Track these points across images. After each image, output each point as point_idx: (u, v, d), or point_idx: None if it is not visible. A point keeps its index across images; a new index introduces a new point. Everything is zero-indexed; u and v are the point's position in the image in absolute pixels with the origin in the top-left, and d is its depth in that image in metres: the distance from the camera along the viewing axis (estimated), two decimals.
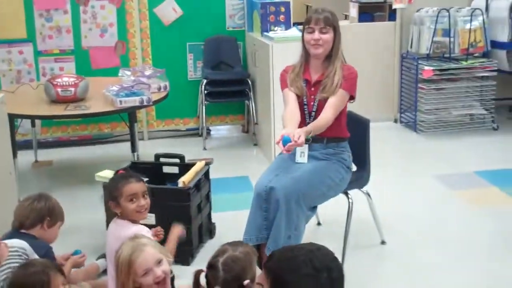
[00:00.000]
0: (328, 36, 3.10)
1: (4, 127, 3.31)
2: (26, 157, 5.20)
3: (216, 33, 5.59)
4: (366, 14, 7.78)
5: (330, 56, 3.16)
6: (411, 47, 5.75)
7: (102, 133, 5.66)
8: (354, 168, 3.38)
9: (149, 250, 2.29)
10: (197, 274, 2.29)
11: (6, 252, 2.42)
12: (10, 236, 2.64)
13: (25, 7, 5.25)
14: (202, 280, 2.30)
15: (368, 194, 3.47)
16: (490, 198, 4.24)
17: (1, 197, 3.18)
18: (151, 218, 3.35)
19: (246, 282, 2.19)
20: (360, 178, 3.42)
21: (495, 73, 5.60)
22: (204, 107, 5.45)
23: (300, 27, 3.51)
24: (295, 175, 3.00)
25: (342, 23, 7.25)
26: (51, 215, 2.69)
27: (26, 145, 5.35)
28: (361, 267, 3.33)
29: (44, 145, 5.57)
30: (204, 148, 5.41)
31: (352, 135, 3.37)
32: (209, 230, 3.69)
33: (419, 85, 5.57)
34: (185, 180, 3.35)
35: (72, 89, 4.26)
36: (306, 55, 3.20)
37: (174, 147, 5.41)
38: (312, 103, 3.12)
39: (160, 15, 5.49)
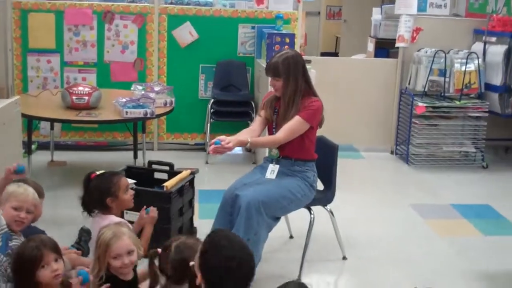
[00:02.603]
0: (279, 83, 3.52)
1: (16, 125, 3.79)
2: (44, 156, 5.72)
3: (227, 57, 6.05)
4: (383, 49, 8.16)
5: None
6: (409, 83, 6.11)
7: (116, 140, 6.14)
8: (319, 186, 3.77)
9: (125, 240, 2.69)
10: (152, 254, 2.70)
11: None
12: None
13: (56, 21, 5.80)
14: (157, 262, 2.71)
15: (331, 212, 3.84)
16: (457, 229, 4.56)
17: None
18: (135, 216, 3.77)
19: (191, 263, 2.58)
20: (325, 196, 3.80)
21: (486, 114, 5.91)
22: (209, 124, 5.91)
23: None
24: (259, 187, 3.41)
25: (354, 57, 7.73)
26: None
27: (46, 145, 5.87)
28: (321, 279, 3.72)
29: (63, 147, 6.06)
30: (207, 162, 5.84)
31: (321, 158, 3.77)
32: (189, 233, 4.09)
33: (413, 120, 5.91)
34: (168, 185, 3.78)
35: (86, 97, 4.75)
36: None
37: (179, 158, 5.83)
38: (278, 128, 3.54)
39: (177, 37, 5.98)
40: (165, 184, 3.80)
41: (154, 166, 4.22)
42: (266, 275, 3.64)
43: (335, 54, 12.35)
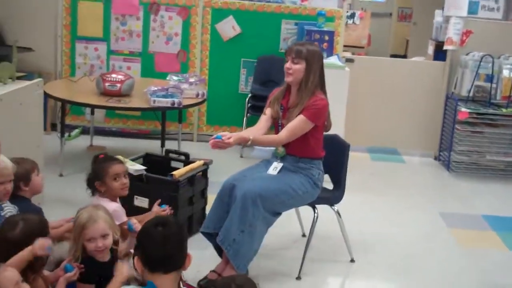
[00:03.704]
0: (299, 67, 3.45)
1: (36, 107, 3.92)
2: (85, 141, 5.89)
3: (269, 53, 6.03)
4: (443, 52, 7.90)
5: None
6: (454, 88, 5.89)
7: (157, 129, 6.21)
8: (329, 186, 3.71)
9: (100, 224, 2.70)
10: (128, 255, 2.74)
11: None
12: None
13: (104, 10, 5.98)
14: None
15: (338, 213, 3.75)
16: (482, 240, 4.37)
17: None
18: (145, 202, 3.85)
19: None
20: (333, 196, 3.72)
21: None
22: (246, 118, 5.92)
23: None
24: (258, 179, 3.39)
25: (415, 59, 7.51)
26: (21, 178, 3.08)
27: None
28: (321, 279, 3.64)
29: (108, 133, 6.23)
30: (241, 156, 5.85)
31: (333, 157, 3.71)
32: (201, 223, 4.11)
33: (456, 125, 5.69)
34: (176, 173, 3.82)
35: (118, 85, 4.86)
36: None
37: (215, 151, 5.87)
38: (284, 126, 3.49)
39: (220, 31, 6.02)
40: (174, 172, 3.83)
41: (171, 155, 4.28)
42: (265, 272, 3.62)
43: (404, 57, 12.09)
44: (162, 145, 4.94)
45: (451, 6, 5.82)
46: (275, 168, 3.52)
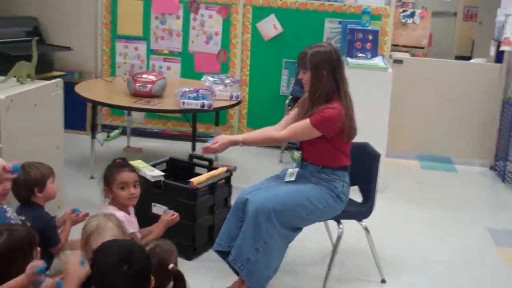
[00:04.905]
0: (306, 77, 3.22)
1: (54, 108, 3.79)
2: (125, 142, 5.78)
3: None
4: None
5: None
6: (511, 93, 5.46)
7: (198, 132, 6.05)
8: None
9: (106, 237, 2.53)
10: None
11: None
12: (19, 207, 3.00)
13: (144, 9, 5.84)
14: None
15: (366, 229, 3.44)
16: None
17: None
18: (162, 210, 3.66)
19: (171, 266, 2.38)
20: (360, 210, 3.42)
21: None
22: None
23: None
24: (272, 192, 3.13)
25: (473, 60, 7.05)
26: (36, 184, 3.00)
27: (134, 131, 5.92)
28: None
29: (148, 134, 6.12)
30: (280, 161, 5.60)
31: (363, 168, 3.42)
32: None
33: None
34: (194, 181, 3.61)
35: (149, 86, 4.70)
36: None
37: (254, 155, 5.69)
38: None
39: (261, 30, 5.78)
40: (192, 180, 3.62)
41: (194, 160, 4.09)
42: None
43: (469, 58, 11.51)
44: (193, 149, 4.75)
45: (509, 3, 5.38)
46: (291, 174, 3.27)
